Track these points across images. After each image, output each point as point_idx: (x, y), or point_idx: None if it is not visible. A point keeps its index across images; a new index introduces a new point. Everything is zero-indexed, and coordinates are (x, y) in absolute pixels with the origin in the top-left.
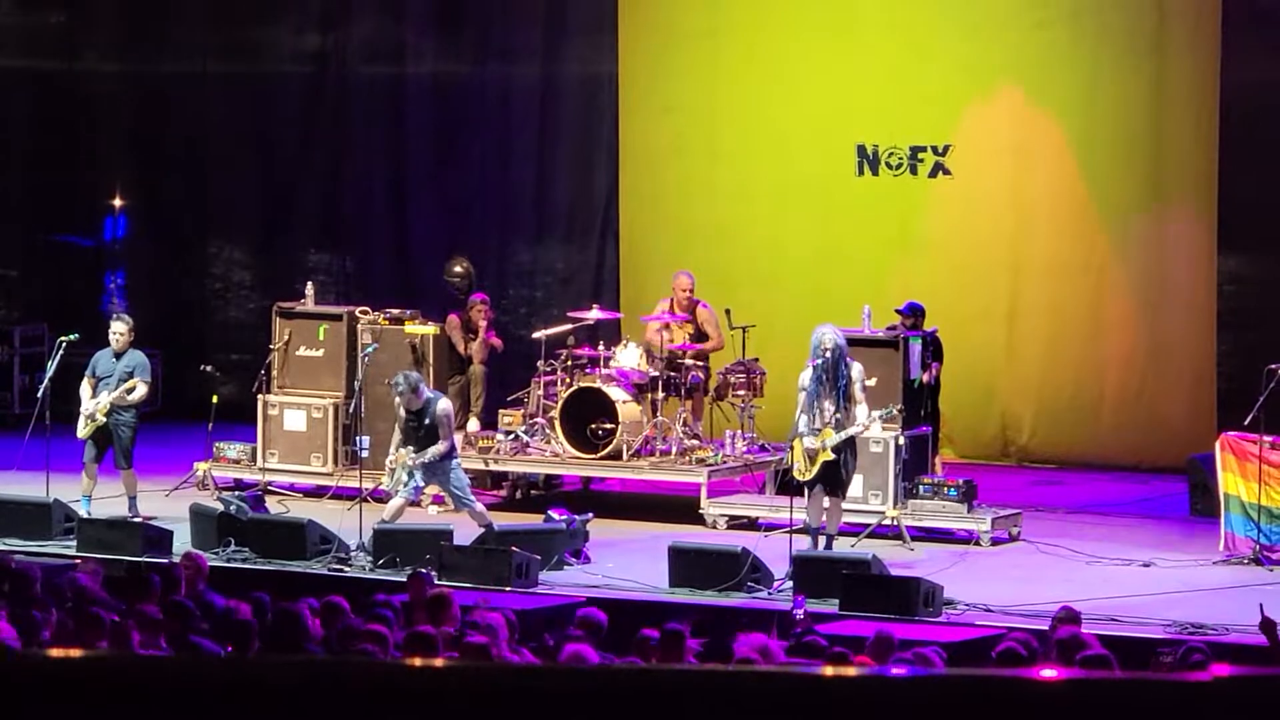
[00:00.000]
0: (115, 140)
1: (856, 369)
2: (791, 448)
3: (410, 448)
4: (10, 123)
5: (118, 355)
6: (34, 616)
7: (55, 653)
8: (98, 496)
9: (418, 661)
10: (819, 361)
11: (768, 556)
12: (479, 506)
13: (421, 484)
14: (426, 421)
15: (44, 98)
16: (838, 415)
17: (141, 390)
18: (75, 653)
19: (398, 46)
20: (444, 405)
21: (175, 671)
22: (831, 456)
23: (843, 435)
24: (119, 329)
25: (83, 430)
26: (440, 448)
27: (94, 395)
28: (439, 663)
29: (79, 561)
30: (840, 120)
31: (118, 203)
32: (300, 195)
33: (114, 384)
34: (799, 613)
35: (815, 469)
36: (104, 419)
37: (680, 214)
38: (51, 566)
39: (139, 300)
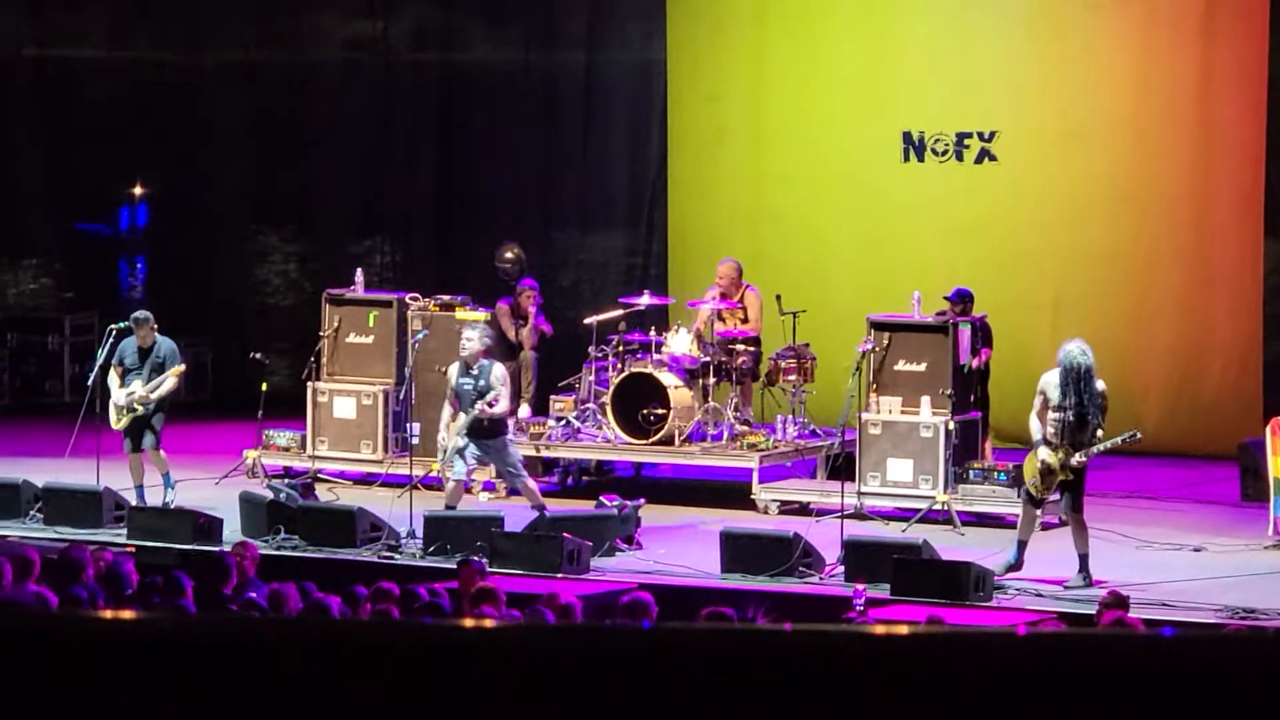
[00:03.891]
0: (147, 128)
1: (1100, 387)
2: (1027, 458)
3: (461, 416)
4: (47, 110)
5: (147, 350)
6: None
7: (96, 615)
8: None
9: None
10: (1072, 377)
11: (819, 542)
12: (532, 484)
13: (474, 463)
14: (481, 384)
15: (84, 86)
16: (1079, 432)
17: (172, 381)
18: (120, 615)
19: (445, 34)
20: (501, 368)
21: (211, 632)
22: (1072, 476)
23: (1083, 455)
24: (142, 333)
25: (117, 422)
26: (503, 405)
27: (123, 384)
28: (489, 623)
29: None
30: (886, 107)
31: (138, 190)
32: (346, 183)
33: (145, 373)
34: (859, 604)
35: (1053, 486)
36: (140, 409)
37: (727, 201)
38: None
39: (175, 289)
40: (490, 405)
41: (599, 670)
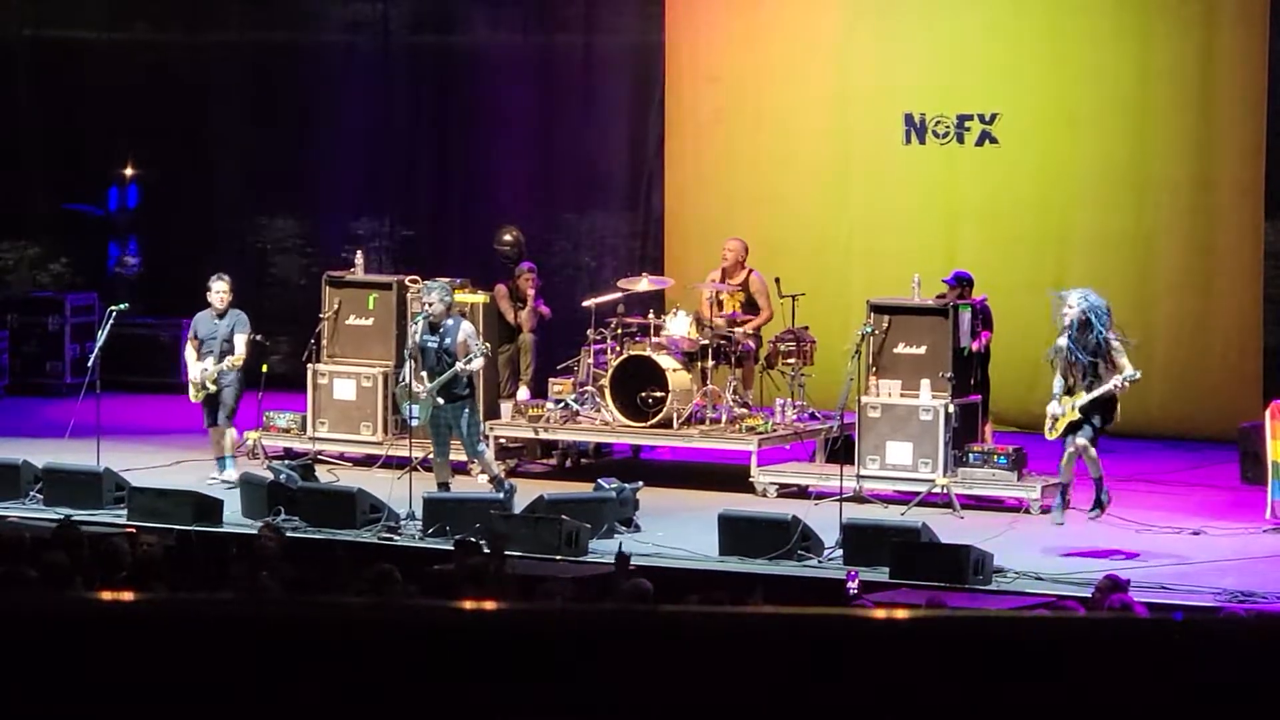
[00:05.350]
0: (146, 110)
1: (1111, 333)
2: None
3: (424, 374)
4: (47, 92)
5: (221, 315)
6: None
7: (110, 595)
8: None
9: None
10: (1067, 324)
11: (818, 525)
12: (489, 456)
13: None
14: (447, 341)
15: (84, 67)
16: (1090, 380)
17: (241, 344)
18: (130, 595)
19: (443, 16)
20: (468, 324)
21: (226, 612)
22: (1077, 416)
23: (1092, 395)
24: (221, 288)
25: (195, 396)
26: (480, 361)
27: (199, 359)
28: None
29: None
30: (887, 89)
31: (129, 171)
32: (345, 165)
33: (218, 348)
34: (852, 587)
35: (1060, 429)
36: (214, 387)
37: (726, 183)
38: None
39: (172, 270)
40: (468, 364)
41: (597, 652)
